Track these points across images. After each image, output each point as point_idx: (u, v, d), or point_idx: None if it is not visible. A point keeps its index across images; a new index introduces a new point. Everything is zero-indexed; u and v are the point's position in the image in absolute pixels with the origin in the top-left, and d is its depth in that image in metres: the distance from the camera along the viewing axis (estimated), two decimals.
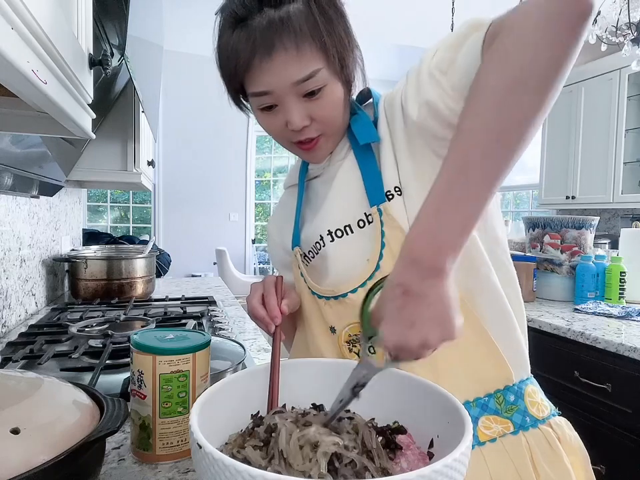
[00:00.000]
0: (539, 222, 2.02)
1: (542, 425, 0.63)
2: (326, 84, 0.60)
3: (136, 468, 0.59)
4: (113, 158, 1.76)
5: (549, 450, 0.62)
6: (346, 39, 0.62)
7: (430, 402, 0.48)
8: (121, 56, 1.09)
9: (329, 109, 0.62)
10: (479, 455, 0.59)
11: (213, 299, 1.73)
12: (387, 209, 0.62)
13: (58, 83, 0.55)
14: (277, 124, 0.64)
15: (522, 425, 0.61)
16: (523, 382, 0.64)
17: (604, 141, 3.41)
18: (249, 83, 0.61)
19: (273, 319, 0.62)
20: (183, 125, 5.36)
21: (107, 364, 0.93)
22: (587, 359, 1.53)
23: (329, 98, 0.61)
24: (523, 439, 0.61)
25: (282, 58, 0.57)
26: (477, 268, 0.62)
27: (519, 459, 0.60)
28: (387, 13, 3.90)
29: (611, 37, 2.25)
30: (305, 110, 0.61)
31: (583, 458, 0.66)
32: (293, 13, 0.57)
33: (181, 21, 4.27)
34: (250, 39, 0.57)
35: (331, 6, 0.60)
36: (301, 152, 0.68)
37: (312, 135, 0.64)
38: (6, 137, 0.97)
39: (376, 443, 0.45)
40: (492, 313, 0.62)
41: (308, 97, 0.60)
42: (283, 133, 0.64)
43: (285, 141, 0.67)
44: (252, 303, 0.64)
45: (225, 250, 4.96)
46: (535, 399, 0.64)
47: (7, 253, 1.31)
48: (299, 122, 0.61)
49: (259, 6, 0.57)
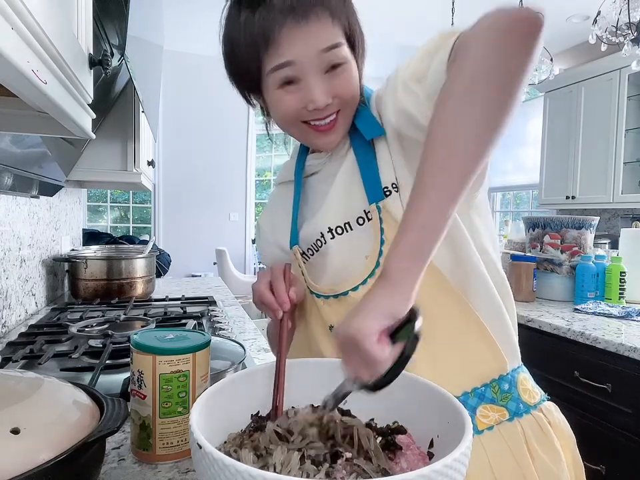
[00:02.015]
0: (539, 222, 2.02)
1: (534, 410, 0.65)
2: (347, 61, 0.62)
3: (136, 468, 0.59)
4: (113, 158, 1.76)
5: (541, 434, 0.64)
6: (359, 29, 0.65)
7: (430, 402, 0.48)
8: (121, 56, 1.09)
9: (349, 86, 0.63)
10: (478, 443, 0.60)
11: (213, 299, 1.73)
12: (385, 206, 0.63)
13: (58, 83, 0.55)
14: (295, 104, 0.62)
15: (516, 411, 0.63)
16: (515, 370, 0.66)
17: (604, 141, 3.41)
18: (270, 57, 0.60)
19: (281, 304, 0.61)
20: (183, 125, 5.36)
21: (107, 364, 0.93)
22: (587, 359, 1.53)
23: (350, 74, 0.63)
24: (518, 425, 0.63)
25: (314, 25, 0.58)
26: (469, 258, 0.63)
27: (515, 444, 0.62)
28: (387, 12, 3.90)
29: (611, 37, 2.24)
30: (328, 86, 0.61)
31: (570, 441, 0.69)
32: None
33: (181, 21, 4.26)
34: (285, 3, 0.57)
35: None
36: (317, 135, 0.66)
37: (333, 111, 0.63)
38: (6, 137, 0.97)
39: (374, 444, 0.45)
40: (484, 302, 0.64)
41: (330, 71, 0.61)
42: (300, 113, 0.63)
43: (298, 124, 0.65)
44: (259, 288, 0.63)
45: (225, 250, 4.96)
46: (526, 386, 0.66)
47: (7, 253, 1.31)
48: (322, 99, 0.61)
49: None
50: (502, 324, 0.65)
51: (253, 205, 5.88)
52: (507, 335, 0.66)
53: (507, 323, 0.66)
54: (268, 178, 6.24)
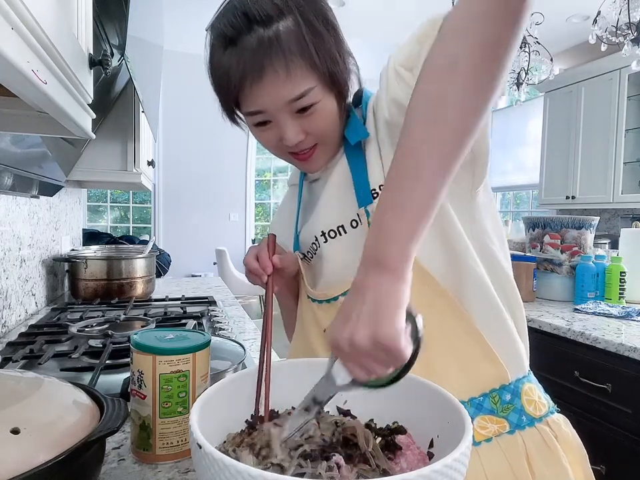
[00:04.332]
0: (539, 222, 2.02)
1: (539, 423, 0.63)
2: (319, 100, 0.60)
3: (136, 468, 0.59)
4: (113, 158, 1.76)
5: (545, 449, 0.61)
6: (337, 53, 0.61)
7: (430, 402, 0.48)
8: (121, 56, 1.09)
9: (323, 122, 0.63)
10: (475, 455, 0.58)
11: (213, 299, 1.73)
12: (374, 210, 0.62)
13: (58, 83, 0.55)
14: (272, 139, 0.64)
15: (518, 424, 0.61)
16: (519, 380, 0.64)
17: (604, 141, 3.41)
18: (242, 103, 0.62)
19: (264, 269, 0.64)
20: (183, 125, 5.36)
21: (107, 364, 0.93)
22: (587, 359, 1.53)
23: (323, 112, 0.62)
24: (519, 438, 0.61)
25: (272, 79, 0.57)
26: (464, 261, 0.62)
27: (515, 458, 0.59)
28: (385, 11, 3.90)
29: (611, 37, 2.24)
30: (299, 125, 0.62)
31: (581, 457, 0.66)
32: (283, 32, 0.56)
33: (181, 20, 4.27)
34: (240, 61, 0.57)
35: (321, 20, 0.60)
36: (298, 162, 0.68)
37: (307, 146, 0.64)
38: (6, 137, 0.97)
39: (373, 445, 0.45)
40: (481, 309, 0.62)
41: (301, 112, 0.61)
42: (279, 146, 0.65)
43: (282, 153, 0.67)
44: (247, 259, 0.67)
45: (225, 250, 4.96)
46: (532, 397, 0.64)
47: (7, 253, 1.31)
48: (293, 138, 0.62)
49: (247, 25, 0.56)
50: (503, 331, 0.63)
51: (252, 205, 5.88)
52: (509, 343, 0.63)
53: (508, 330, 0.63)
54: (268, 178, 6.24)
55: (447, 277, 0.61)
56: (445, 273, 0.61)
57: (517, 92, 2.83)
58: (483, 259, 0.63)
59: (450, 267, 0.62)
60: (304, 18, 0.58)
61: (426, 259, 0.60)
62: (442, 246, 0.62)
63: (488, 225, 0.65)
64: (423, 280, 0.60)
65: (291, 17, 0.57)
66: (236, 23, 0.57)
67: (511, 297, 0.66)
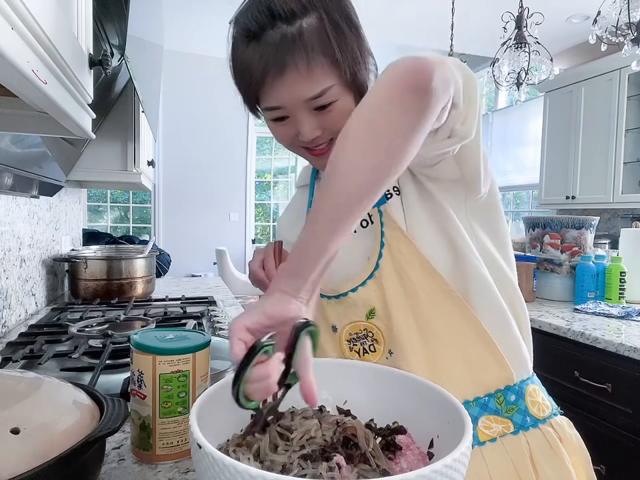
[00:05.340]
0: (539, 222, 2.02)
1: (542, 424, 0.63)
2: (338, 98, 0.60)
3: (136, 468, 0.59)
4: (113, 158, 1.76)
5: (549, 450, 0.62)
6: (358, 52, 0.61)
7: (430, 402, 0.48)
8: (121, 56, 1.09)
9: (340, 120, 0.62)
10: (479, 454, 0.59)
11: (213, 299, 1.73)
12: (387, 210, 0.64)
13: (58, 83, 0.55)
14: (289, 134, 0.64)
15: (522, 424, 0.62)
16: (523, 381, 0.64)
17: (604, 141, 3.41)
18: (261, 98, 0.61)
19: (270, 279, 0.64)
20: (183, 125, 5.36)
21: (107, 364, 0.93)
22: (587, 359, 1.53)
23: (341, 111, 0.61)
24: (523, 439, 0.61)
25: (294, 76, 0.57)
26: (469, 261, 0.62)
27: (519, 458, 0.60)
28: (387, 12, 3.90)
29: (611, 37, 2.24)
30: (317, 122, 0.61)
31: (584, 458, 0.66)
32: (306, 29, 0.56)
33: (181, 20, 4.26)
34: (262, 57, 0.56)
35: (344, 19, 0.60)
36: (312, 158, 0.68)
37: (323, 142, 0.64)
38: (6, 137, 0.97)
39: (373, 444, 0.45)
40: (487, 309, 0.63)
41: (319, 109, 0.60)
42: (294, 142, 0.65)
43: (297, 148, 0.67)
44: (252, 267, 0.67)
45: (225, 250, 4.96)
46: (536, 398, 0.64)
47: (6, 253, 1.31)
48: (310, 134, 0.61)
49: (271, 21, 0.56)
50: (508, 332, 0.64)
51: (252, 205, 5.89)
52: (514, 344, 0.64)
53: (513, 331, 0.64)
54: (268, 180, 6.24)
55: (453, 277, 0.62)
56: (451, 273, 0.62)
57: (517, 92, 2.83)
58: (486, 262, 0.64)
59: (456, 268, 0.63)
60: (328, 16, 0.58)
61: (434, 261, 0.62)
62: (448, 248, 0.63)
63: (489, 228, 0.66)
64: (432, 280, 0.61)
65: (315, 14, 0.57)
66: (260, 17, 0.57)
67: (514, 299, 0.66)
